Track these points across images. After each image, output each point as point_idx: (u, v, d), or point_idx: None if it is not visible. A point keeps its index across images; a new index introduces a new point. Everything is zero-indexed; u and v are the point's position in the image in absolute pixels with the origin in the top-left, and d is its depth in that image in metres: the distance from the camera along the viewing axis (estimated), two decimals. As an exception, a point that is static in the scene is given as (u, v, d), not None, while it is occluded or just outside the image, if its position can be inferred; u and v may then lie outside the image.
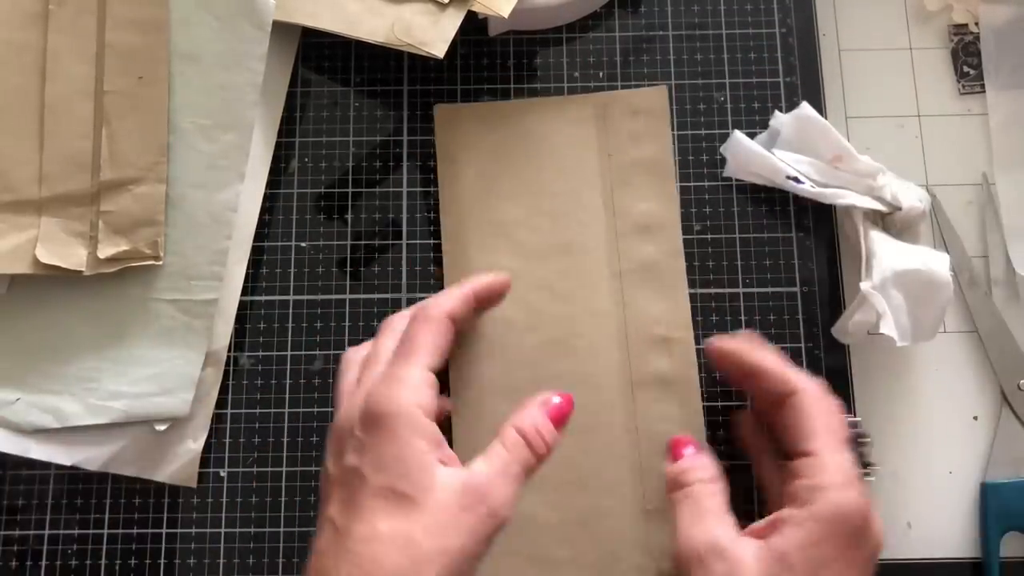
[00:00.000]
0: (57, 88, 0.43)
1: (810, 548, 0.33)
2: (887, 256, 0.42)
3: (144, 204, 0.43)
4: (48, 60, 0.43)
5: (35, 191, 0.43)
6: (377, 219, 0.47)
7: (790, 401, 0.37)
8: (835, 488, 0.34)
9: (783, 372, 0.38)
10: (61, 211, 0.43)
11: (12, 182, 0.43)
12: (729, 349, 0.40)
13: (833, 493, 0.33)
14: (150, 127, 0.43)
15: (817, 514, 0.33)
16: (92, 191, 0.43)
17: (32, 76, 0.43)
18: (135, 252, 0.43)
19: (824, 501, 0.33)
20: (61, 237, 0.43)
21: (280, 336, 0.45)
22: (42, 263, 0.42)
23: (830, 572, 0.33)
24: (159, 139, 0.43)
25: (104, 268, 0.43)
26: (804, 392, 0.37)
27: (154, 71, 0.43)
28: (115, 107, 0.43)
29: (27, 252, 0.42)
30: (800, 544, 0.33)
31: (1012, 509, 0.43)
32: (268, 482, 0.44)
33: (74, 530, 0.44)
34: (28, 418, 0.42)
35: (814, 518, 0.33)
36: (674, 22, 0.49)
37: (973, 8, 0.50)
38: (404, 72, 0.49)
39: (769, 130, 0.46)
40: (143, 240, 0.43)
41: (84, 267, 0.43)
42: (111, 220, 0.43)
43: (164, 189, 0.43)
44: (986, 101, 0.49)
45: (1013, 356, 0.45)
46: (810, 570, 0.32)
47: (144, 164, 0.43)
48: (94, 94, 0.43)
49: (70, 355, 0.43)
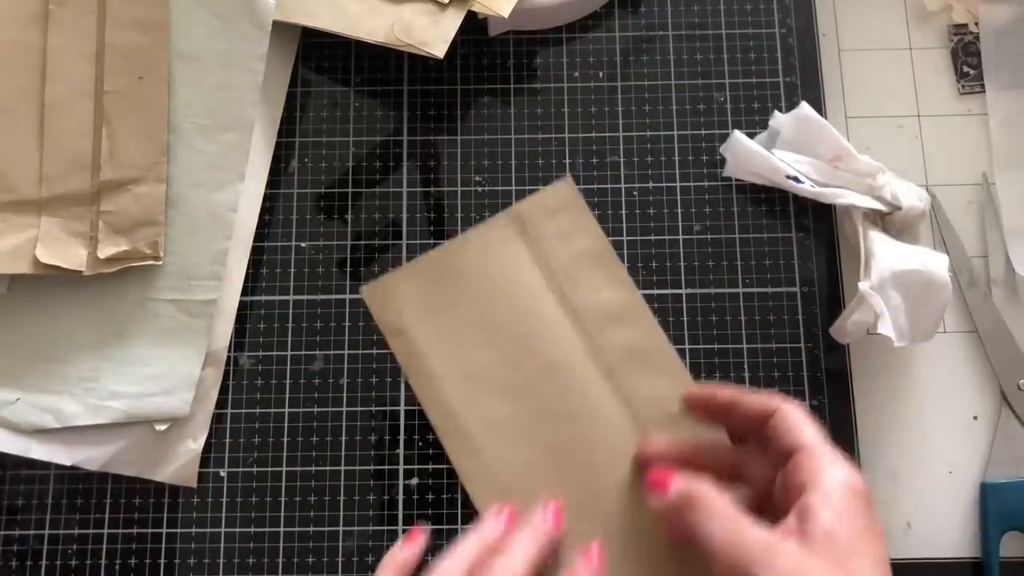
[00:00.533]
0: (57, 88, 0.43)
1: (846, 518, 0.33)
2: (886, 256, 0.42)
3: (144, 204, 0.43)
4: (48, 60, 0.43)
5: (35, 191, 0.43)
6: (377, 219, 0.47)
7: (772, 419, 0.37)
8: (836, 466, 0.35)
9: (760, 396, 0.38)
10: (61, 211, 0.43)
11: (12, 182, 0.43)
12: (701, 393, 0.41)
13: (836, 470, 0.34)
14: (150, 127, 0.43)
15: (832, 490, 0.34)
16: (92, 191, 0.43)
17: (32, 76, 0.43)
18: (135, 252, 0.43)
19: (832, 478, 0.34)
20: (61, 237, 0.43)
21: (280, 336, 0.45)
22: (42, 263, 0.42)
23: (871, 534, 0.33)
24: (159, 139, 0.43)
25: (104, 268, 0.43)
26: (785, 407, 0.37)
27: (154, 71, 0.43)
28: (115, 107, 0.43)
29: (27, 252, 0.42)
30: (836, 519, 0.33)
31: (1012, 509, 0.43)
32: (268, 482, 0.44)
33: (74, 530, 0.44)
34: (28, 418, 0.42)
35: (832, 494, 0.34)
36: (674, 22, 0.49)
37: (973, 8, 0.50)
38: (404, 72, 0.49)
39: (769, 130, 0.46)
40: (143, 240, 0.43)
41: (84, 267, 0.43)
42: (111, 220, 0.43)
43: (164, 189, 0.43)
44: (986, 101, 0.49)
45: (1013, 356, 0.45)
46: (856, 536, 0.33)
47: (144, 164, 0.43)
48: (94, 94, 0.43)
49: (70, 355, 0.43)
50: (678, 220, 0.46)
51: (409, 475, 0.44)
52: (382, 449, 0.44)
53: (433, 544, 0.43)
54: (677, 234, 0.46)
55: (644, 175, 0.47)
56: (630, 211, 0.47)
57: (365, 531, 0.43)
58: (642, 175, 0.47)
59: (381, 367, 0.45)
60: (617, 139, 0.48)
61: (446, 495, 0.44)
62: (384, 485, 0.44)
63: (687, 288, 0.46)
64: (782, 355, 0.45)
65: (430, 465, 0.44)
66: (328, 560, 0.43)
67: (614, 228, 0.46)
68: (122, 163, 0.43)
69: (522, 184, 0.47)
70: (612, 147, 0.48)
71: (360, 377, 0.45)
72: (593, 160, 0.47)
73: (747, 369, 0.45)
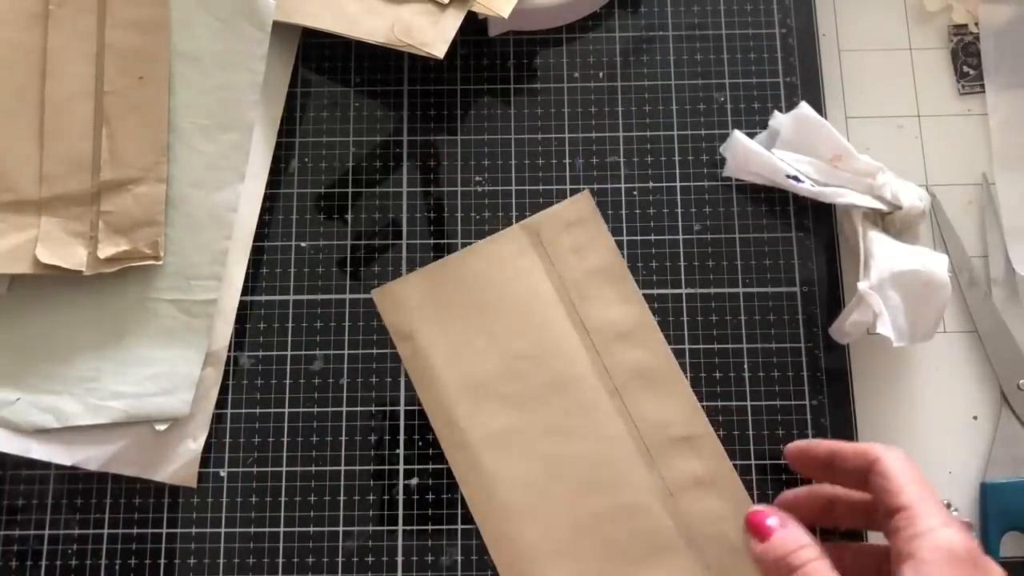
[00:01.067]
0: (57, 88, 0.43)
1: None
2: (885, 257, 0.42)
3: (144, 204, 0.43)
4: (48, 60, 0.43)
5: (35, 191, 0.43)
6: (377, 219, 0.47)
7: (874, 469, 0.36)
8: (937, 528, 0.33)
9: (860, 445, 0.38)
10: (61, 211, 0.43)
11: (12, 182, 0.43)
12: (801, 447, 0.41)
13: (937, 533, 0.33)
14: (150, 127, 0.43)
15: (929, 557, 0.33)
16: (92, 191, 0.43)
17: (32, 76, 0.43)
18: (135, 252, 0.43)
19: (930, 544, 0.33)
20: (61, 237, 0.43)
21: (280, 336, 0.45)
22: (42, 263, 0.42)
23: None
24: (159, 139, 0.43)
25: (104, 268, 0.43)
26: (886, 455, 0.36)
27: (154, 71, 0.43)
28: (115, 107, 0.43)
29: (27, 252, 0.42)
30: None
31: (1012, 509, 0.43)
32: (268, 482, 0.44)
33: (74, 530, 0.44)
34: (28, 418, 0.42)
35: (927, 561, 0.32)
36: (674, 22, 0.49)
37: (973, 8, 0.50)
38: (404, 72, 0.49)
39: (768, 130, 0.46)
40: (143, 240, 0.43)
41: (84, 267, 0.43)
42: (111, 220, 0.43)
43: (164, 189, 0.43)
44: (986, 101, 0.49)
45: (1013, 356, 0.45)
46: None
47: (144, 164, 0.43)
48: (94, 94, 0.43)
49: (70, 355, 0.43)
50: (678, 220, 0.46)
51: (409, 475, 0.44)
52: (382, 449, 0.44)
53: (432, 543, 0.43)
54: (677, 234, 0.46)
55: (644, 175, 0.47)
56: (630, 211, 0.47)
57: (365, 531, 0.43)
58: (642, 175, 0.47)
59: (381, 367, 0.45)
60: (617, 139, 0.48)
61: (446, 495, 0.44)
62: (384, 485, 0.44)
63: (687, 288, 0.46)
64: (782, 355, 0.45)
65: (430, 465, 0.44)
66: (328, 560, 0.43)
67: (614, 228, 0.46)
68: (122, 163, 0.43)
69: (522, 184, 0.47)
70: (612, 147, 0.48)
71: (360, 377, 0.45)
72: (593, 160, 0.47)
73: (747, 369, 0.45)
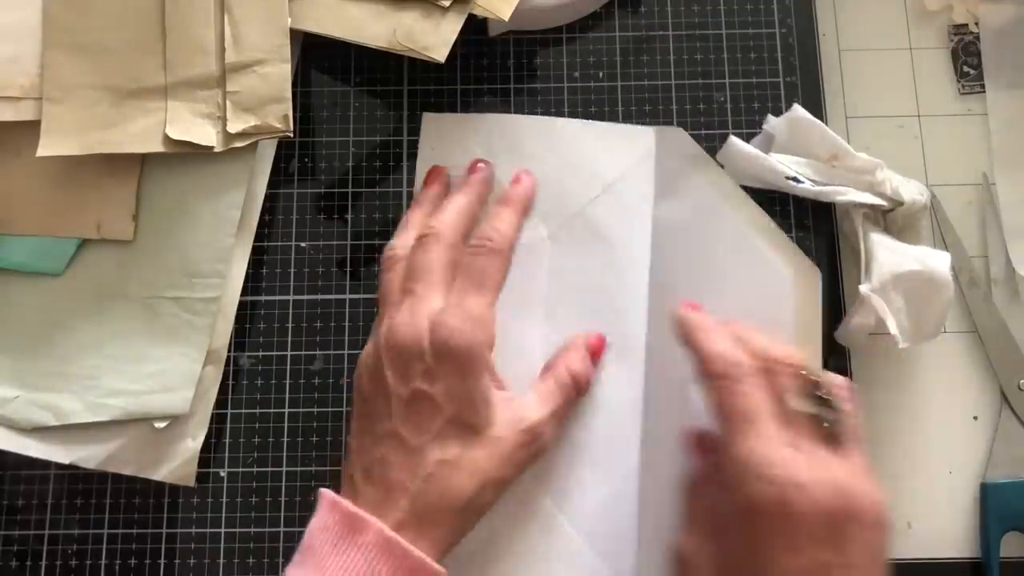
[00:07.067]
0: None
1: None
2: (886, 259, 0.42)
3: (271, 82, 0.43)
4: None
5: (160, 78, 0.43)
6: (377, 219, 0.47)
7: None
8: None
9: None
10: (187, 95, 0.43)
11: (137, 71, 0.43)
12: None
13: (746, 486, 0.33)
14: (271, 12, 0.44)
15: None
16: (217, 74, 0.43)
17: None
18: (265, 127, 0.43)
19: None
20: (189, 118, 0.43)
21: (280, 336, 0.45)
22: (173, 140, 0.42)
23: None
24: (280, 22, 0.44)
25: (236, 143, 0.43)
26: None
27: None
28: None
29: (156, 133, 0.42)
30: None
31: (1012, 509, 0.43)
32: (268, 482, 0.44)
33: (74, 530, 0.44)
34: (27, 416, 0.42)
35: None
36: (674, 22, 0.49)
37: (973, 8, 0.50)
38: (404, 73, 0.49)
39: (763, 134, 0.46)
40: (272, 115, 0.43)
41: (215, 143, 0.43)
42: (238, 99, 0.43)
43: (289, 68, 0.44)
44: (986, 101, 0.49)
45: (1013, 356, 0.45)
46: None
47: (268, 47, 0.43)
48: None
49: (70, 352, 0.43)
50: (678, 220, 0.46)
51: (409, 475, 0.44)
52: (382, 449, 0.44)
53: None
54: (677, 234, 0.46)
55: (644, 175, 0.47)
56: (630, 211, 0.47)
57: (365, 531, 0.43)
58: (642, 175, 0.47)
59: (381, 367, 0.45)
60: (617, 139, 0.48)
61: (446, 495, 0.43)
62: (384, 485, 0.44)
63: (687, 288, 0.46)
64: (782, 355, 0.45)
65: (430, 465, 0.44)
66: (328, 560, 0.43)
67: (614, 228, 0.46)
68: (245, 47, 0.43)
69: (522, 184, 0.47)
70: (612, 147, 0.47)
71: (360, 377, 0.45)
72: (593, 160, 0.47)
73: (747, 369, 0.44)
